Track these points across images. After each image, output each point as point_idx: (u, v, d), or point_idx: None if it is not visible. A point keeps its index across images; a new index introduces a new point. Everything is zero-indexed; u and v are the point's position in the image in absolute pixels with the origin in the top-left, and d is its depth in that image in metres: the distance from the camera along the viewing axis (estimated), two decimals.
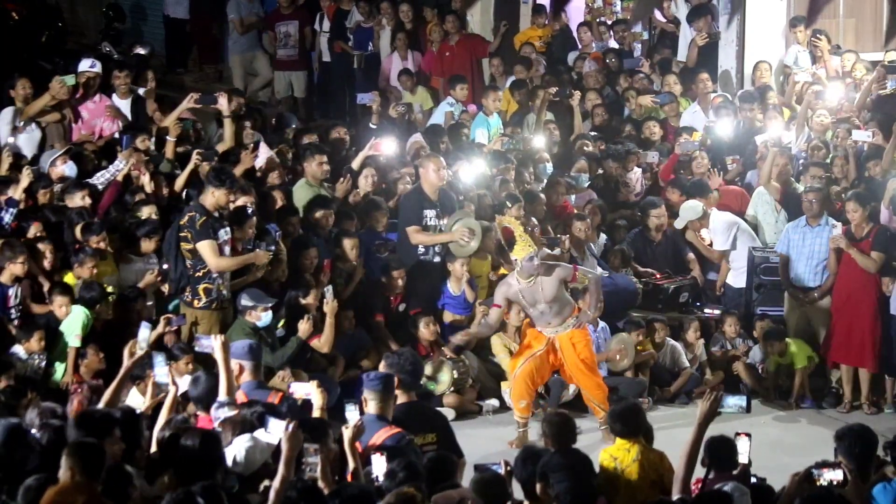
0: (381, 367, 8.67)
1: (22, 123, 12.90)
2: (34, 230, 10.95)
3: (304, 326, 11.12)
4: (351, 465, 7.37)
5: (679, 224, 13.61)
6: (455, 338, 11.60)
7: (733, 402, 7.61)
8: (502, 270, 12.54)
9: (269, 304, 10.86)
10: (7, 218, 11.08)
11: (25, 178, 11.44)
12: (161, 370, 8.10)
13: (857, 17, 17.04)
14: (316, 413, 8.21)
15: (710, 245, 13.57)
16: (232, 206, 11.18)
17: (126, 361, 8.00)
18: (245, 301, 10.86)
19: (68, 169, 12.08)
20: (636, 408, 8.39)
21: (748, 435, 7.52)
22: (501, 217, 11.89)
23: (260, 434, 7.28)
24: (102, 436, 6.78)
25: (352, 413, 7.74)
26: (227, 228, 11.00)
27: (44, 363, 10.23)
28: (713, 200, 13.64)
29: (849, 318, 12.38)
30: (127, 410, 7.45)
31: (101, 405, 7.57)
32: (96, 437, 6.74)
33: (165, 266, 11.11)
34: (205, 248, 10.80)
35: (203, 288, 10.87)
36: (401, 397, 8.49)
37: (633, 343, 12.43)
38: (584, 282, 11.50)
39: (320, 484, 6.91)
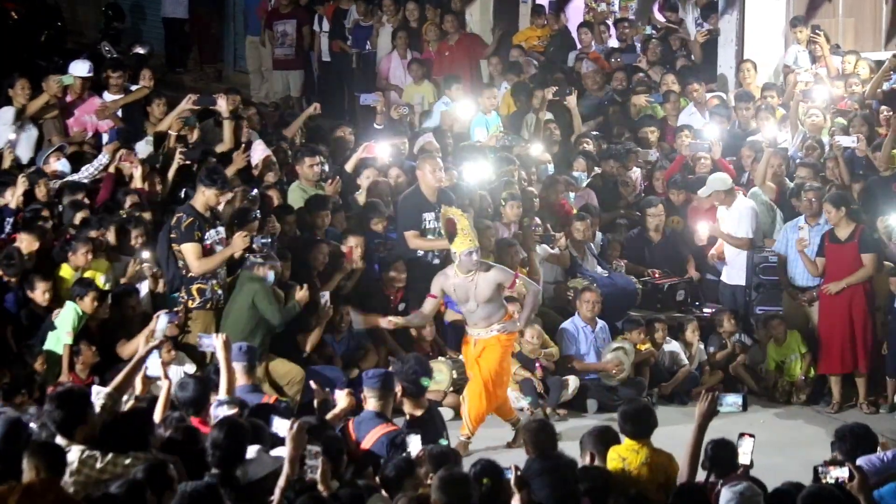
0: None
1: (21, 123, 12.90)
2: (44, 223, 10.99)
3: (300, 294, 11.14)
4: None
5: (704, 192, 13.34)
6: (383, 321, 11.16)
7: (730, 400, 7.59)
8: None
9: (277, 264, 11.04)
10: (6, 228, 11.08)
11: (21, 185, 11.42)
12: (153, 363, 8.12)
13: (856, 17, 17.03)
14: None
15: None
16: (221, 206, 11.22)
17: (141, 349, 8.01)
18: (255, 258, 11.00)
19: (61, 165, 12.10)
20: (647, 409, 8.29)
21: (752, 435, 7.50)
22: (447, 208, 11.47)
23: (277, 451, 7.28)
24: (81, 413, 6.87)
25: (413, 443, 7.68)
26: (220, 228, 11.05)
27: None
28: None
29: (840, 321, 12.35)
30: (139, 408, 7.51)
31: (108, 389, 7.57)
32: (76, 416, 6.83)
33: (148, 260, 11.13)
34: (187, 250, 10.88)
35: (196, 288, 10.94)
36: (408, 407, 8.49)
37: (631, 358, 12.33)
38: (522, 291, 11.20)
39: (320, 487, 6.91)
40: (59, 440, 6.80)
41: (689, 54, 16.90)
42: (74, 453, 6.81)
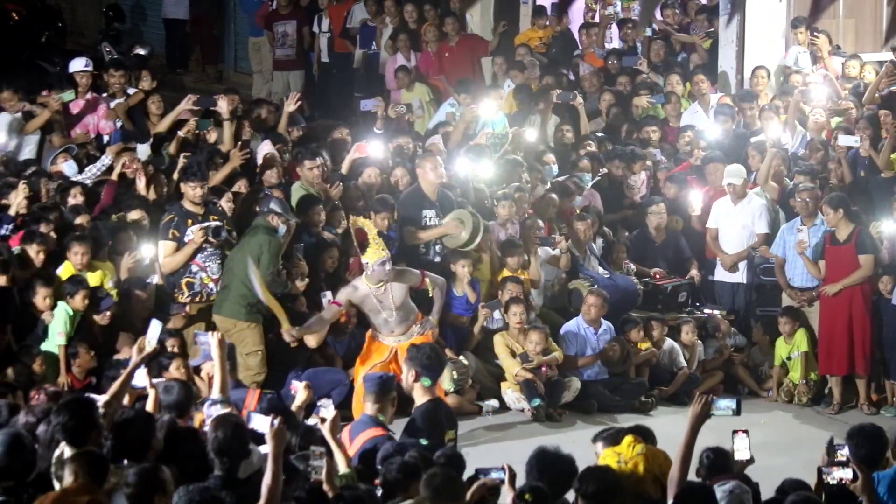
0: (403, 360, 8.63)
1: (20, 130, 12.91)
2: (45, 229, 10.93)
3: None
4: (339, 459, 7.35)
5: (725, 182, 13.39)
6: (285, 335, 10.89)
7: (724, 404, 7.58)
8: (505, 272, 12.54)
9: (292, 220, 11.31)
10: (3, 232, 11.04)
11: (21, 191, 11.36)
12: (138, 373, 8.15)
13: (856, 18, 17.03)
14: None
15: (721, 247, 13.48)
16: (226, 202, 11.38)
17: (135, 357, 8.02)
18: (274, 206, 11.25)
19: (68, 167, 12.07)
20: (649, 429, 8.21)
21: (745, 431, 7.50)
22: (356, 218, 11.46)
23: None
24: (91, 422, 6.92)
25: (327, 408, 7.76)
26: (212, 224, 11.18)
27: None
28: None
29: (840, 322, 12.36)
30: (140, 411, 7.54)
31: (105, 398, 7.59)
32: (85, 425, 6.87)
33: (143, 252, 11.21)
34: (160, 247, 11.17)
35: (185, 282, 11.19)
36: (417, 394, 8.43)
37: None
38: (432, 289, 11.15)
39: (325, 487, 6.89)
40: (67, 450, 6.79)
41: (690, 56, 16.89)
42: None
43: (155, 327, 8.34)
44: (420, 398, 8.44)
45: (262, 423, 7.20)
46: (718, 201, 13.52)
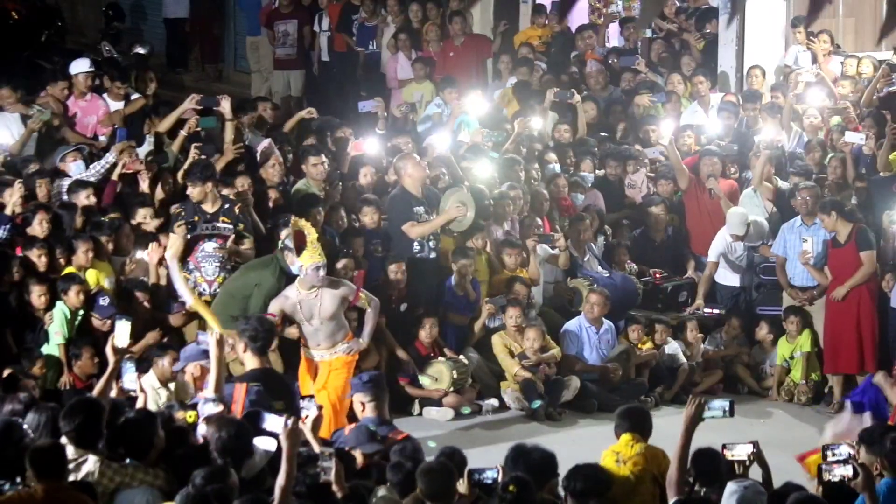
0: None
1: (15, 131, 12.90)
2: (39, 218, 10.93)
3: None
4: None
5: (728, 232, 13.24)
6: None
7: (717, 405, 7.63)
8: (506, 273, 12.54)
9: None
10: (1, 234, 11.03)
11: (17, 191, 11.29)
12: (129, 377, 8.17)
13: (856, 17, 17.05)
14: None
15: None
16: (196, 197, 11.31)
17: (111, 359, 8.00)
18: (290, 242, 10.79)
19: (75, 167, 12.05)
20: (644, 410, 8.41)
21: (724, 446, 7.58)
22: (296, 220, 11.14)
23: (258, 441, 7.30)
24: (98, 425, 6.96)
25: (309, 407, 7.79)
26: (219, 224, 11.21)
27: None
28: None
29: (848, 322, 12.34)
30: (144, 411, 7.58)
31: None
32: (93, 428, 6.91)
33: (139, 255, 11.21)
34: (169, 240, 11.06)
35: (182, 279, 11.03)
36: (251, 361, 8.66)
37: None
38: (365, 305, 10.95)
39: (334, 488, 6.90)
40: (73, 451, 6.81)
41: (681, 58, 16.88)
42: (92, 463, 6.85)
43: (122, 326, 8.24)
44: (250, 365, 8.67)
45: (275, 424, 7.20)
46: (720, 237, 13.34)
